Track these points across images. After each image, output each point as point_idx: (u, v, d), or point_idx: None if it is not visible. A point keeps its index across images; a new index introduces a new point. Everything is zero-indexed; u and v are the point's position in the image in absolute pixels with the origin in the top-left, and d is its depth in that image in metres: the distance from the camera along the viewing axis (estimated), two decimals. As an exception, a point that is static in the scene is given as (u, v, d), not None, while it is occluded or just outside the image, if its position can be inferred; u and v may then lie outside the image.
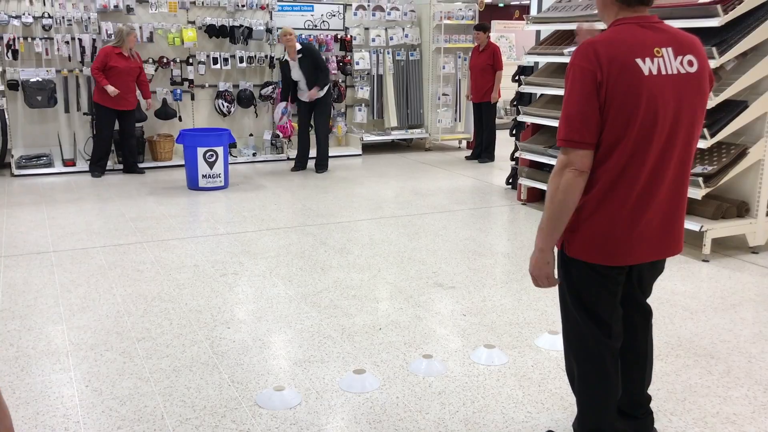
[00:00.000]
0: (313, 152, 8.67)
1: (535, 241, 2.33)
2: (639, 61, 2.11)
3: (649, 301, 2.61)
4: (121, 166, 8.48)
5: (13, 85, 8.17)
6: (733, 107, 5.14)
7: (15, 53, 8.16)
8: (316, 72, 8.20)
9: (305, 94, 8.27)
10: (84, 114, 8.64)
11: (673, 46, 2.18)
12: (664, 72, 2.14)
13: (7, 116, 8.10)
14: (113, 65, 7.77)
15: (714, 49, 4.90)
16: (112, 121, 8.09)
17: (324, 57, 8.77)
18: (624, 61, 2.10)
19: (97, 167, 8.21)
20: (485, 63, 9.33)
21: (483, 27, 9.45)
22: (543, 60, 6.91)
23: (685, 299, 4.38)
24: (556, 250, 2.35)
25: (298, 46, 8.18)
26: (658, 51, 2.15)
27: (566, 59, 6.40)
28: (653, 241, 2.30)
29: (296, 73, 8.21)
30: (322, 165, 8.63)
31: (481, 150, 9.63)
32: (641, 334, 2.57)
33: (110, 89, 7.77)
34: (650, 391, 3.27)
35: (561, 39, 6.75)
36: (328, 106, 8.64)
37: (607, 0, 2.25)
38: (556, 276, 2.39)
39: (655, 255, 2.35)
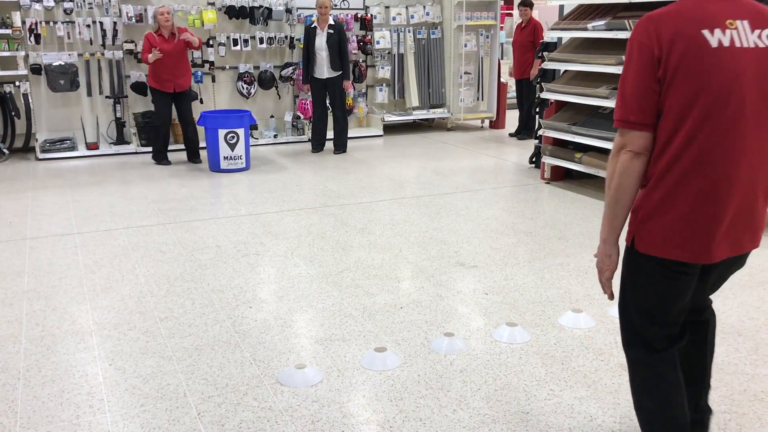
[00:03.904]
0: (330, 133, 8.65)
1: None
2: (706, 32, 1.92)
3: None
4: (143, 149, 8.47)
5: (36, 70, 8.23)
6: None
7: (37, 37, 8.21)
8: (341, 53, 8.21)
9: (323, 69, 8.23)
10: (107, 97, 8.68)
11: (749, 18, 1.97)
12: (738, 45, 1.93)
13: (30, 100, 8.17)
14: (156, 48, 7.53)
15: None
16: (169, 106, 7.82)
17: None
18: (688, 34, 1.92)
19: (161, 155, 7.99)
20: (526, 40, 9.24)
21: (528, 3, 9.33)
22: (566, 35, 6.79)
23: (712, 277, 4.30)
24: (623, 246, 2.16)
25: (331, 21, 8.17)
26: (731, 23, 1.94)
27: (590, 34, 6.28)
28: (731, 234, 2.07)
29: (320, 42, 8.18)
30: (340, 146, 8.60)
31: (522, 127, 9.60)
32: (702, 338, 2.39)
33: (154, 53, 7.43)
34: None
35: (584, 13, 6.62)
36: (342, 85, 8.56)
37: None
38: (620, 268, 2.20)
39: (734, 250, 2.12)
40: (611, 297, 2.24)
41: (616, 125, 2.04)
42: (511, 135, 9.84)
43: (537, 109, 7.67)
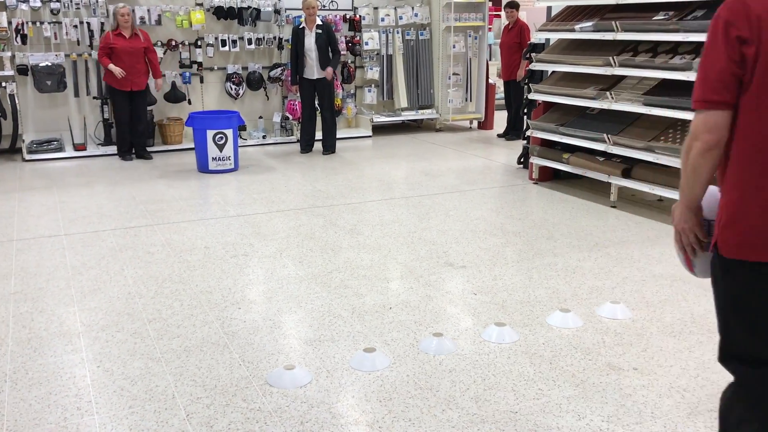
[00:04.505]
0: (319, 134, 8.66)
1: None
2: None
3: (662, 278, 2.38)
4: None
5: (22, 70, 8.17)
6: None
7: (24, 38, 8.16)
8: (331, 52, 8.20)
9: (314, 70, 8.23)
10: (94, 98, 8.64)
11: None
12: None
13: (17, 101, 8.11)
14: (114, 46, 7.77)
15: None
16: (127, 104, 8.04)
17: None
18: None
19: (123, 150, 8.22)
20: (513, 41, 9.29)
21: (514, 4, 9.39)
22: (554, 36, 6.82)
23: (698, 276, 4.33)
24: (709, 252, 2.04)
25: (319, 21, 8.17)
26: None
27: (577, 35, 6.32)
28: None
29: (309, 42, 8.18)
30: (329, 146, 8.60)
31: (510, 128, 9.66)
32: None
33: (115, 69, 7.76)
34: (663, 366, 3.24)
35: (572, 15, 6.65)
36: (332, 86, 8.56)
37: None
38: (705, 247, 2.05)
39: None
40: (704, 245, 2.07)
41: (695, 106, 1.92)
42: (499, 136, 9.88)
43: (525, 110, 7.70)
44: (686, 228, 2.05)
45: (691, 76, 5.12)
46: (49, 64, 8.23)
